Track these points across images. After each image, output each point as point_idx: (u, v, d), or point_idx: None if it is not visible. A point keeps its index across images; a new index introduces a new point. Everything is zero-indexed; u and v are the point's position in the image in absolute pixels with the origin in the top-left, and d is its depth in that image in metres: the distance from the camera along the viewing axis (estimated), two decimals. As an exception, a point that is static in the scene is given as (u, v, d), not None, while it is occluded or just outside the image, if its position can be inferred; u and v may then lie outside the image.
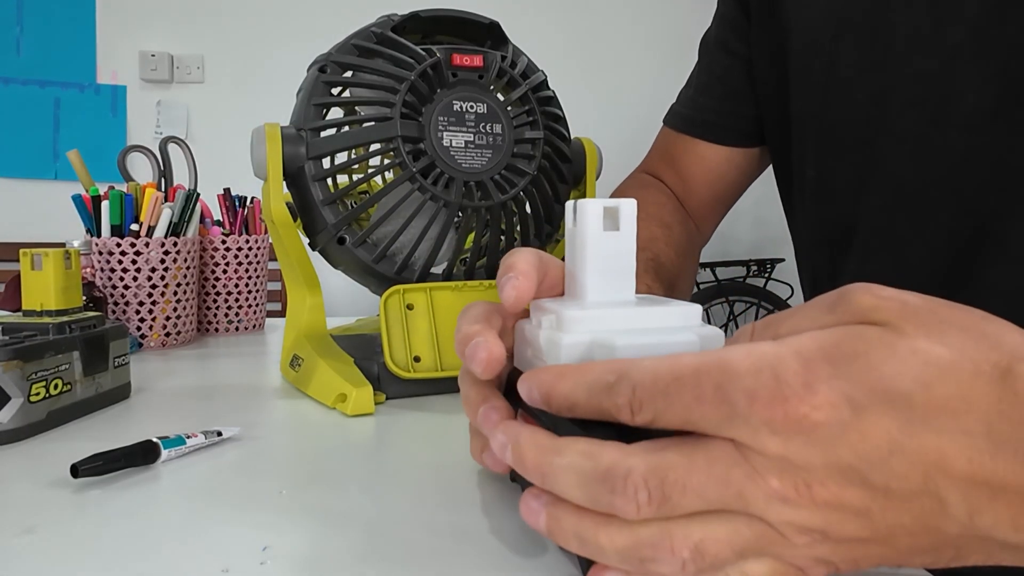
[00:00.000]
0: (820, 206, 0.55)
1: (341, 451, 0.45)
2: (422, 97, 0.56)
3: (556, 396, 0.25)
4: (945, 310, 0.22)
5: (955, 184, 0.46)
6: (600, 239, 0.28)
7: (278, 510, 0.35)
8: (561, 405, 0.25)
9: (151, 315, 0.79)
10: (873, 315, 0.22)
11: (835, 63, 0.50)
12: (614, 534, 0.23)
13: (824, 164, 0.53)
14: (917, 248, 0.48)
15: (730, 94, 0.63)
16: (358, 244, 0.57)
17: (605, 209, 0.29)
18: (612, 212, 0.29)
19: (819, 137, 0.53)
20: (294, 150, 0.56)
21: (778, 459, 0.21)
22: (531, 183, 0.58)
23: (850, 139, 0.50)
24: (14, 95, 2.30)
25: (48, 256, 0.52)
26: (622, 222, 0.29)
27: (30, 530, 0.33)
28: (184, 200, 0.80)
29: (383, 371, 0.55)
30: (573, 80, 2.12)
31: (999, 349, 0.21)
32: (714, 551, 0.22)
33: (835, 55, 0.50)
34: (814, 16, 0.52)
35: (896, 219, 0.49)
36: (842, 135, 0.51)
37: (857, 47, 0.49)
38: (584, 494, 0.23)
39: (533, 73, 0.61)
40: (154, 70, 2.36)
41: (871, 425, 0.21)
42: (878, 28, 0.47)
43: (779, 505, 0.21)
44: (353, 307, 1.21)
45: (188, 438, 0.43)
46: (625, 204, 0.29)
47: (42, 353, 0.47)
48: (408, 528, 0.33)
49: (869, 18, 0.48)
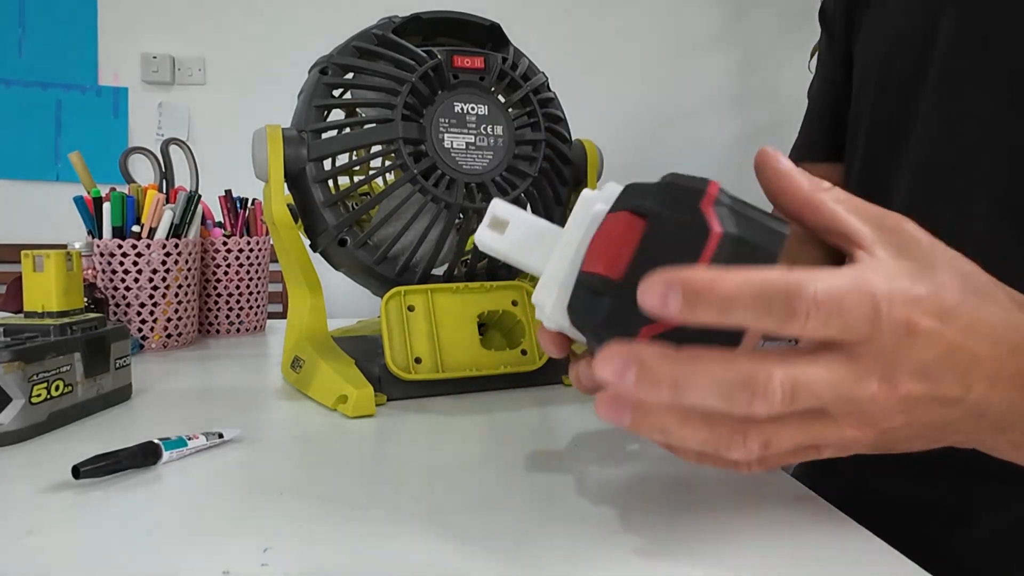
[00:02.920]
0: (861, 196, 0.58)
1: (342, 453, 0.45)
2: (423, 99, 0.56)
3: (712, 294, 0.24)
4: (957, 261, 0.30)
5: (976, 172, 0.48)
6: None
7: (279, 512, 0.35)
8: (713, 307, 0.24)
9: (152, 317, 0.79)
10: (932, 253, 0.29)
11: (885, 71, 0.54)
12: (698, 428, 0.27)
13: (867, 156, 0.56)
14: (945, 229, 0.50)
15: (828, 116, 0.66)
16: (359, 246, 0.57)
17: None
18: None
19: (867, 134, 0.57)
20: (295, 152, 0.56)
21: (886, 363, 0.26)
22: (532, 185, 0.58)
23: (888, 133, 0.54)
24: (16, 97, 2.30)
25: (50, 257, 0.52)
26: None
27: (31, 531, 0.33)
28: (185, 202, 0.80)
29: (384, 372, 0.55)
30: (574, 82, 2.12)
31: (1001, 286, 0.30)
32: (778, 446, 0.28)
33: (888, 64, 0.54)
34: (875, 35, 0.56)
35: (924, 204, 0.51)
36: (883, 131, 0.54)
37: (903, 56, 0.53)
38: (723, 399, 0.25)
39: (534, 75, 0.61)
40: (156, 72, 2.36)
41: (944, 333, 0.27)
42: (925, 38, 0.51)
43: (869, 404, 0.27)
44: (354, 308, 1.21)
45: (189, 440, 0.43)
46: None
47: (43, 354, 0.47)
48: (409, 529, 0.33)
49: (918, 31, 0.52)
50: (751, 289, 0.24)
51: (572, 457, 0.44)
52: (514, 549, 0.31)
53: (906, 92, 0.52)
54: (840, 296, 0.25)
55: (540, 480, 0.40)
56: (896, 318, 0.26)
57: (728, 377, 0.25)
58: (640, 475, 0.40)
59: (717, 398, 0.25)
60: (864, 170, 0.58)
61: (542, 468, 0.41)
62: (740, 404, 0.25)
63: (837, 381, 0.26)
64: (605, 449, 0.45)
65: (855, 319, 0.25)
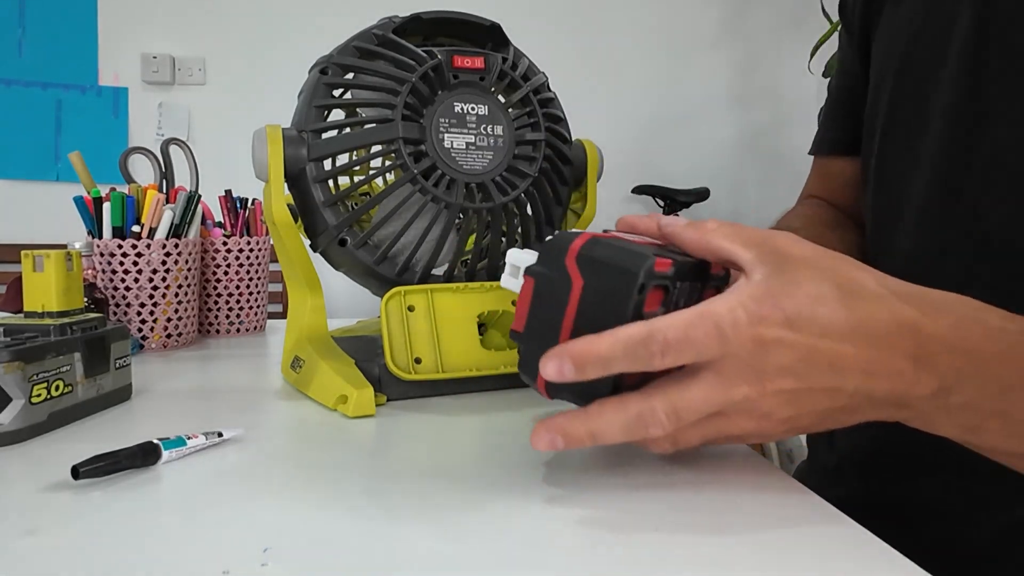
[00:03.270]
0: (876, 193, 0.59)
1: (342, 453, 0.45)
2: (423, 99, 0.56)
3: (592, 358, 0.32)
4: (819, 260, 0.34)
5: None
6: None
7: (279, 511, 0.35)
8: (596, 366, 0.32)
9: (152, 316, 0.79)
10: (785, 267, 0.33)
11: (902, 71, 0.55)
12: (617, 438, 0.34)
13: (882, 153, 0.57)
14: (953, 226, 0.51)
15: (845, 111, 0.67)
16: (359, 246, 0.57)
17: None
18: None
19: (882, 131, 0.57)
20: (295, 152, 0.56)
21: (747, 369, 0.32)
22: (532, 185, 0.58)
23: (905, 131, 0.55)
24: (16, 97, 2.31)
25: (50, 257, 0.52)
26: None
27: (31, 532, 0.33)
28: (185, 202, 0.80)
29: (384, 373, 0.55)
30: (574, 82, 2.12)
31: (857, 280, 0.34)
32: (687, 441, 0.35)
33: (905, 63, 0.55)
34: (892, 32, 0.57)
35: (932, 202, 0.51)
36: (899, 129, 0.55)
37: (919, 55, 0.53)
38: (627, 434, 0.33)
39: (534, 75, 0.61)
40: (156, 72, 2.37)
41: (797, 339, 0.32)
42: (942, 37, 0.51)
43: (749, 404, 0.33)
44: (354, 308, 1.21)
45: (189, 439, 0.43)
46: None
47: (43, 354, 0.47)
48: (409, 529, 0.33)
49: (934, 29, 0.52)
50: (620, 345, 0.32)
51: (572, 457, 0.44)
52: (514, 549, 0.31)
53: (923, 91, 0.52)
54: (685, 332, 0.31)
55: (540, 480, 0.40)
56: (743, 335, 0.31)
57: (624, 419, 0.33)
58: (640, 475, 0.40)
59: (623, 435, 0.33)
60: (879, 167, 0.58)
61: (542, 468, 0.41)
62: (640, 434, 0.33)
63: (710, 393, 0.32)
64: (605, 449, 0.45)
65: (705, 346, 0.32)
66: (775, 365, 0.32)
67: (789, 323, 0.32)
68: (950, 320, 0.34)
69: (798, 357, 0.32)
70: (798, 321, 0.32)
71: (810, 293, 0.32)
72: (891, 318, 0.33)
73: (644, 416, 0.33)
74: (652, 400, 0.33)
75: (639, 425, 0.33)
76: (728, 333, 0.31)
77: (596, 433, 0.33)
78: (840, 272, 0.34)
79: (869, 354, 0.32)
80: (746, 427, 0.34)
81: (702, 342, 0.31)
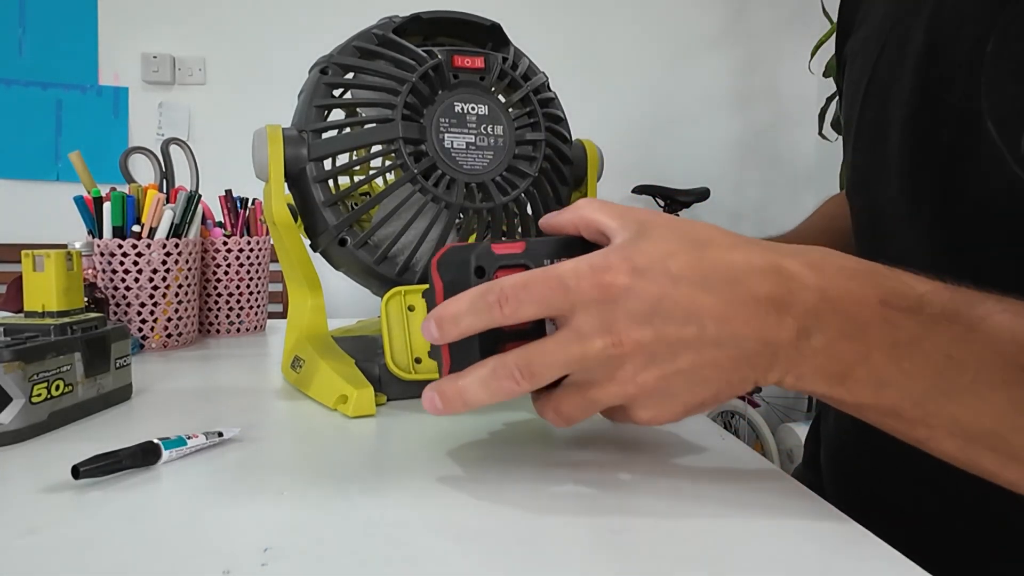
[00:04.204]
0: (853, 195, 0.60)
1: (342, 452, 0.45)
2: (423, 99, 0.56)
3: (447, 316, 0.35)
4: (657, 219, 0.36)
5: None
6: None
7: (279, 511, 0.35)
8: (450, 323, 0.35)
9: (152, 316, 0.79)
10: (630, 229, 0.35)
11: (871, 76, 0.55)
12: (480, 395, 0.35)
13: (857, 157, 0.57)
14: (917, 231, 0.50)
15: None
16: (359, 245, 0.57)
17: None
18: None
19: (856, 134, 0.57)
20: (295, 151, 0.56)
21: (598, 321, 0.32)
22: (532, 185, 0.58)
23: (871, 138, 0.55)
24: (16, 97, 2.30)
25: (50, 257, 0.52)
26: None
27: (31, 531, 0.33)
28: (186, 201, 0.80)
29: (384, 372, 0.55)
30: (574, 81, 2.12)
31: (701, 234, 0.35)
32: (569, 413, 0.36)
33: (872, 68, 0.55)
34: (871, 35, 0.57)
35: (900, 204, 0.51)
36: (868, 132, 0.55)
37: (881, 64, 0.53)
38: (489, 393, 0.35)
39: (534, 75, 0.61)
40: (156, 72, 2.37)
41: (646, 286, 0.32)
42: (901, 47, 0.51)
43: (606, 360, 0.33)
44: (354, 308, 1.21)
45: (189, 439, 0.43)
46: None
47: (44, 354, 0.47)
48: (409, 529, 0.33)
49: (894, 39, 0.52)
50: (465, 300, 0.34)
51: (572, 457, 0.44)
52: (514, 549, 0.31)
53: (885, 97, 0.52)
54: (523, 282, 0.33)
55: (540, 480, 0.40)
56: (585, 283, 0.32)
57: (482, 374, 0.35)
58: (640, 475, 0.40)
59: (482, 389, 0.35)
60: (854, 173, 0.58)
61: (542, 468, 0.41)
62: (496, 388, 0.34)
63: (561, 345, 0.33)
64: (605, 449, 0.45)
65: (546, 296, 0.33)
66: (626, 313, 0.32)
67: (638, 272, 0.32)
68: (805, 259, 0.34)
69: (649, 304, 0.32)
70: (648, 271, 0.32)
71: (661, 248, 0.33)
72: (745, 260, 0.33)
73: (498, 370, 0.34)
74: (507, 356, 0.34)
75: (494, 379, 0.34)
76: (570, 283, 0.32)
77: (462, 389, 0.35)
78: (695, 229, 0.35)
79: (725, 297, 0.32)
80: (618, 393, 0.34)
81: (541, 292, 0.33)
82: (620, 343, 0.32)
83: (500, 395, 0.34)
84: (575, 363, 0.33)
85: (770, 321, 0.32)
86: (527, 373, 0.33)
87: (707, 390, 0.34)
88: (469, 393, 0.35)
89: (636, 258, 0.33)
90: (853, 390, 0.34)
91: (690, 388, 0.34)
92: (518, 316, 0.33)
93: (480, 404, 0.35)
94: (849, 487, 0.56)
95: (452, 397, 0.35)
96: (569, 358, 0.33)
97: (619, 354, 0.33)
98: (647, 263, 0.33)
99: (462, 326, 0.34)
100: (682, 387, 0.34)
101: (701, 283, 0.32)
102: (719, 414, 2.28)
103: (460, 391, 0.35)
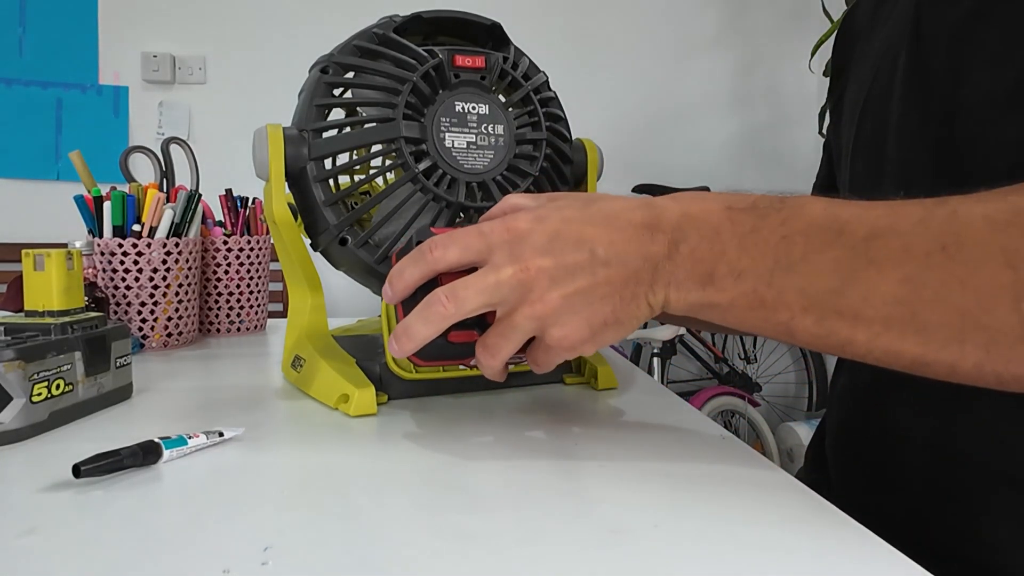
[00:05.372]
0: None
1: (343, 452, 0.45)
2: (424, 98, 0.56)
3: (394, 272, 0.42)
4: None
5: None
6: None
7: (280, 511, 0.35)
8: (399, 278, 0.42)
9: (153, 316, 0.79)
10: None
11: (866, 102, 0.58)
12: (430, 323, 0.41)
13: (855, 185, 0.60)
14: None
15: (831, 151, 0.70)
16: (360, 245, 0.57)
17: None
18: None
19: (849, 161, 0.61)
20: (296, 151, 0.56)
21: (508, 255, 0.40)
22: (533, 184, 0.58)
23: (865, 163, 0.58)
24: (16, 96, 2.30)
25: (50, 257, 0.52)
26: None
27: (32, 531, 0.33)
28: (186, 201, 0.80)
29: (385, 372, 0.55)
30: (574, 81, 2.12)
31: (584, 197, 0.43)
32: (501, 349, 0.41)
33: (867, 95, 0.58)
34: (865, 70, 0.60)
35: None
36: (861, 159, 0.59)
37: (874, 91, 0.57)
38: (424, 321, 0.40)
39: (535, 74, 0.61)
40: (156, 71, 2.36)
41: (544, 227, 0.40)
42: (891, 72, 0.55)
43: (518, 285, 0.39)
44: (355, 307, 1.22)
45: (190, 438, 0.43)
46: None
47: (44, 353, 0.47)
48: (410, 529, 0.33)
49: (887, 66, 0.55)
50: (407, 258, 0.42)
51: (572, 457, 0.44)
52: (514, 549, 0.31)
53: (879, 121, 0.55)
54: (450, 234, 0.41)
55: (540, 480, 0.40)
56: (496, 228, 0.40)
57: (419, 308, 0.41)
58: (640, 475, 0.40)
59: (420, 321, 0.40)
60: (854, 180, 0.59)
61: (542, 468, 0.41)
62: (431, 318, 0.40)
63: (482, 275, 0.40)
64: (605, 448, 0.45)
65: (469, 242, 0.40)
66: (530, 247, 0.39)
67: (539, 219, 0.40)
68: (666, 197, 0.41)
69: (548, 238, 0.40)
70: (547, 218, 0.40)
71: (559, 204, 0.42)
72: (623, 203, 0.41)
73: (430, 300, 0.40)
74: (437, 289, 0.41)
75: (427, 308, 0.40)
76: (485, 230, 0.41)
77: (406, 326, 0.41)
78: (590, 195, 0.43)
79: (609, 226, 0.40)
80: (530, 314, 0.39)
81: (464, 239, 0.41)
82: (527, 268, 0.39)
83: (434, 321, 0.40)
84: (492, 288, 0.39)
85: (646, 239, 0.39)
86: (452, 298, 0.40)
87: (605, 306, 0.40)
88: (412, 327, 0.41)
89: (538, 211, 0.41)
90: (721, 286, 0.38)
91: (589, 305, 0.39)
92: (447, 259, 0.41)
93: (422, 336, 0.40)
94: (853, 469, 0.56)
95: (400, 334, 0.41)
96: (486, 284, 0.39)
97: (527, 279, 0.39)
98: (546, 214, 0.41)
99: (405, 276, 0.42)
100: (582, 304, 0.39)
101: (589, 220, 0.40)
102: (719, 414, 2.28)
103: (405, 328, 0.41)
